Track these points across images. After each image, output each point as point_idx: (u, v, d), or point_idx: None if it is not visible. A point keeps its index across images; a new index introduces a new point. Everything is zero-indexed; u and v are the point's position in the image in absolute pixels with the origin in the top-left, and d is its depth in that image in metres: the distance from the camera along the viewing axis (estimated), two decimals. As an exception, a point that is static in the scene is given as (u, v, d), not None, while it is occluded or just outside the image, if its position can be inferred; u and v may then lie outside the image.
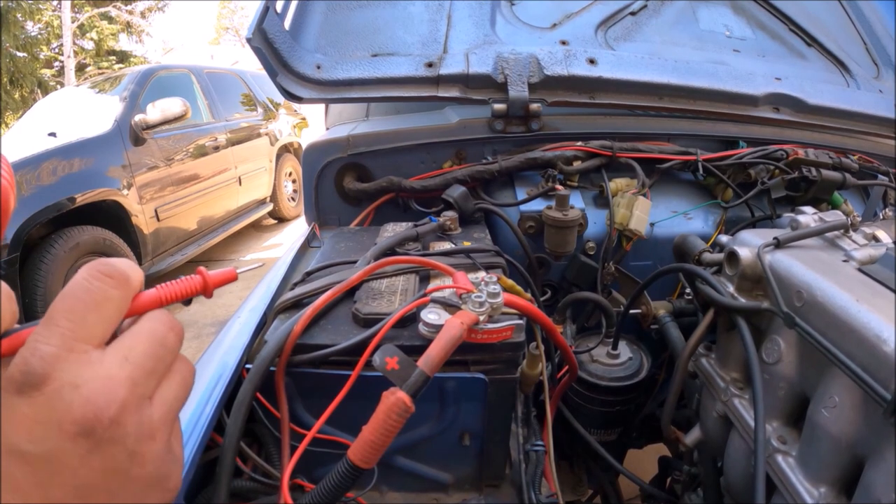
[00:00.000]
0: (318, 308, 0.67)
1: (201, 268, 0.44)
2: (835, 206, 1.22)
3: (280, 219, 6.17)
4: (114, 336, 0.36)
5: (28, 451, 0.32)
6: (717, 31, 1.45)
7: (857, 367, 0.55)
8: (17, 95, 12.27)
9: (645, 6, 1.42)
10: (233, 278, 0.46)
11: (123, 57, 15.29)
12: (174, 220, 4.03)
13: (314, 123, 6.35)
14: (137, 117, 3.76)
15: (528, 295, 0.70)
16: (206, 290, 0.44)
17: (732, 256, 0.78)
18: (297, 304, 0.73)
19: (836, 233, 0.75)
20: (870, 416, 0.56)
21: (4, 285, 0.34)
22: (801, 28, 1.50)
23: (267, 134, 5.74)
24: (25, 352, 0.32)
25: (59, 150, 3.24)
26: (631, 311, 1.04)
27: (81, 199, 3.20)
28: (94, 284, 0.35)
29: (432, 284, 0.69)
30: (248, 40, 1.07)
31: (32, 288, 2.95)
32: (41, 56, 13.55)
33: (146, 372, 0.36)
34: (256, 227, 5.97)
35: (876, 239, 0.74)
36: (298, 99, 1.15)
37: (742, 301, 0.75)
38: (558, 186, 1.10)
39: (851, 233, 0.75)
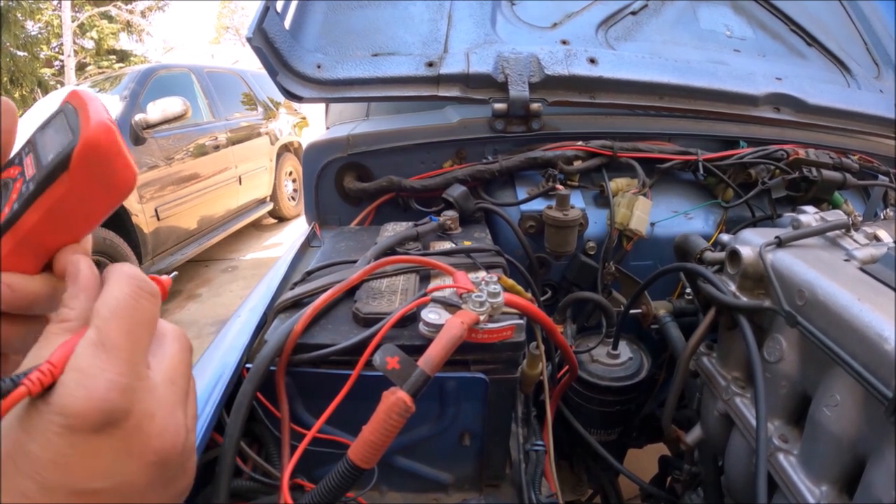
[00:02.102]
0: (319, 308, 0.67)
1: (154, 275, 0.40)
2: (835, 206, 1.22)
3: (280, 218, 6.17)
4: None
5: (99, 487, 0.30)
6: (718, 30, 1.45)
7: (859, 366, 0.55)
8: (17, 95, 12.26)
9: (645, 6, 1.42)
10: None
11: (123, 56, 15.29)
12: (174, 220, 4.02)
13: (314, 123, 6.35)
14: (137, 116, 3.75)
15: (529, 295, 0.70)
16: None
17: (734, 255, 0.78)
18: (297, 304, 0.73)
19: (837, 232, 0.75)
20: (871, 415, 0.56)
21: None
22: (801, 28, 1.50)
23: (267, 133, 5.74)
24: (100, 385, 0.30)
25: (60, 149, 3.22)
26: (631, 311, 1.04)
27: (81, 198, 3.19)
28: (142, 304, 0.34)
29: (432, 284, 0.69)
30: (249, 40, 1.07)
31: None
32: (41, 55, 13.55)
33: (185, 395, 0.36)
34: (256, 227, 5.97)
35: (877, 238, 0.74)
36: (299, 98, 1.14)
37: (744, 300, 0.75)
38: (559, 186, 1.10)
39: (853, 232, 0.75)
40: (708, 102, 1.26)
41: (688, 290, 1.06)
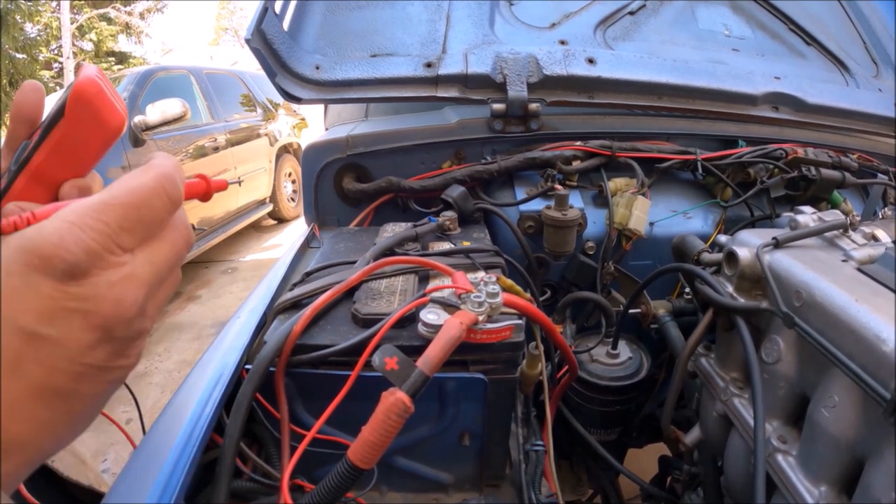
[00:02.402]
0: (318, 308, 0.67)
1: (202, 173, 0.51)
2: (834, 205, 1.22)
3: (280, 219, 6.17)
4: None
5: (40, 332, 0.32)
6: (716, 30, 1.45)
7: (857, 367, 0.55)
8: (16, 96, 12.25)
9: (644, 6, 1.42)
10: (223, 187, 0.53)
11: (122, 58, 15.29)
12: (174, 221, 4.01)
13: (313, 124, 6.35)
14: (137, 118, 3.76)
15: (528, 295, 0.70)
16: (208, 193, 0.51)
17: (731, 256, 0.78)
18: (297, 305, 0.73)
19: (835, 232, 0.75)
20: (869, 416, 0.56)
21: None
22: (800, 27, 1.50)
23: (266, 134, 5.74)
24: (69, 238, 0.32)
25: (59, 151, 3.22)
26: (630, 311, 1.04)
27: (81, 200, 3.19)
28: (154, 202, 0.36)
29: (432, 284, 0.69)
30: (247, 41, 1.07)
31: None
32: (40, 57, 13.55)
33: (161, 279, 0.38)
34: (256, 228, 5.97)
35: (875, 238, 0.74)
36: (297, 100, 1.15)
37: (741, 301, 0.75)
38: (557, 186, 1.10)
39: (850, 232, 0.75)
40: (707, 102, 1.26)
41: (687, 290, 1.06)
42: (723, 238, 0.85)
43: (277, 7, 1.13)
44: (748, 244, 0.77)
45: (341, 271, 0.78)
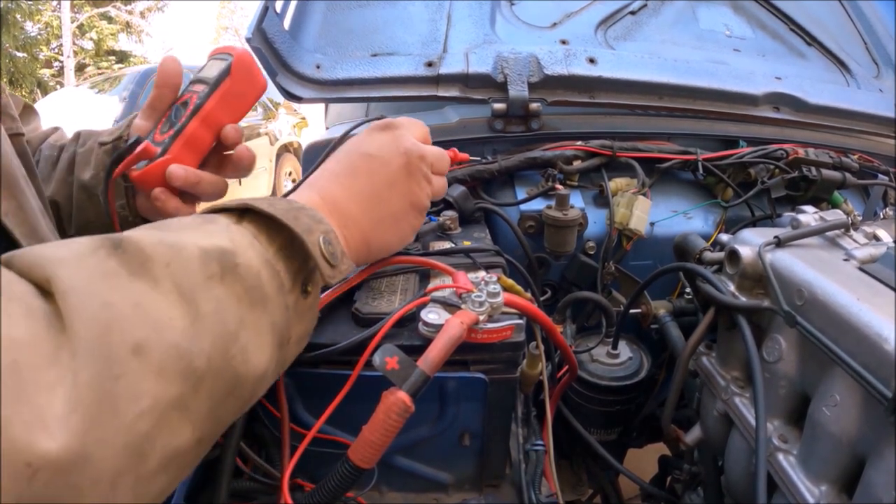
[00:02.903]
0: (318, 308, 0.67)
1: None
2: (835, 206, 1.22)
3: (280, 219, 6.16)
4: None
5: (373, 153, 0.61)
6: (717, 30, 1.45)
7: (858, 366, 0.55)
8: (17, 95, 12.26)
9: (645, 5, 1.42)
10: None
11: (123, 57, 15.29)
12: (174, 221, 4.01)
13: (314, 123, 6.35)
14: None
15: (528, 294, 0.70)
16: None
17: (733, 255, 0.78)
18: (297, 304, 0.73)
19: (836, 232, 0.75)
20: (871, 415, 0.56)
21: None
22: (801, 27, 1.50)
23: (267, 134, 5.74)
24: (384, 121, 0.65)
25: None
26: (631, 311, 1.04)
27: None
28: (443, 164, 0.72)
29: (432, 284, 0.69)
30: (248, 40, 1.07)
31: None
32: (41, 56, 13.55)
33: (436, 162, 0.67)
34: (256, 228, 5.96)
35: (876, 238, 0.74)
36: (298, 99, 1.14)
37: (743, 300, 0.75)
38: (558, 186, 1.10)
39: (852, 232, 0.75)
40: (707, 102, 1.26)
41: (687, 290, 1.06)
42: (724, 237, 0.85)
43: (278, 6, 1.13)
44: (750, 243, 0.77)
45: (342, 270, 0.78)
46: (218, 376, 0.36)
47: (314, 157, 1.26)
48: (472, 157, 1.12)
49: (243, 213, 0.46)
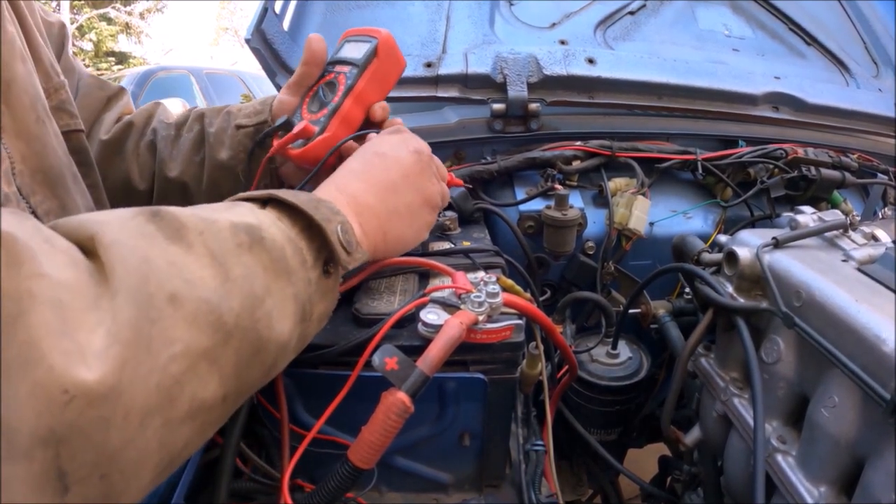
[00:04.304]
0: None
1: None
2: (834, 205, 1.22)
3: (280, 219, 6.16)
4: None
5: (386, 151, 0.64)
6: (717, 30, 1.45)
7: (857, 367, 0.55)
8: (16, 96, 12.23)
9: (644, 6, 1.42)
10: None
11: (122, 58, 15.29)
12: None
13: (314, 124, 6.33)
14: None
15: (528, 295, 0.70)
16: None
17: (731, 256, 0.78)
18: (297, 305, 0.73)
19: (835, 232, 0.75)
20: (869, 416, 0.56)
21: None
22: (800, 27, 1.50)
23: (266, 134, 5.73)
24: (394, 127, 0.73)
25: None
26: (630, 311, 1.04)
27: (81, 199, 3.19)
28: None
29: (432, 284, 0.69)
30: (248, 41, 1.07)
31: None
32: (40, 57, 13.51)
33: (440, 166, 0.72)
34: (256, 228, 5.96)
35: (875, 238, 0.74)
36: (297, 99, 1.14)
37: (741, 301, 0.75)
38: (557, 186, 1.10)
39: (850, 232, 0.75)
40: (707, 102, 1.26)
41: (687, 290, 1.06)
42: (723, 238, 0.85)
43: (277, 7, 1.13)
44: (748, 244, 0.77)
45: (341, 271, 0.78)
46: (245, 336, 0.39)
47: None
48: (468, 163, 1.11)
49: (266, 201, 0.50)
